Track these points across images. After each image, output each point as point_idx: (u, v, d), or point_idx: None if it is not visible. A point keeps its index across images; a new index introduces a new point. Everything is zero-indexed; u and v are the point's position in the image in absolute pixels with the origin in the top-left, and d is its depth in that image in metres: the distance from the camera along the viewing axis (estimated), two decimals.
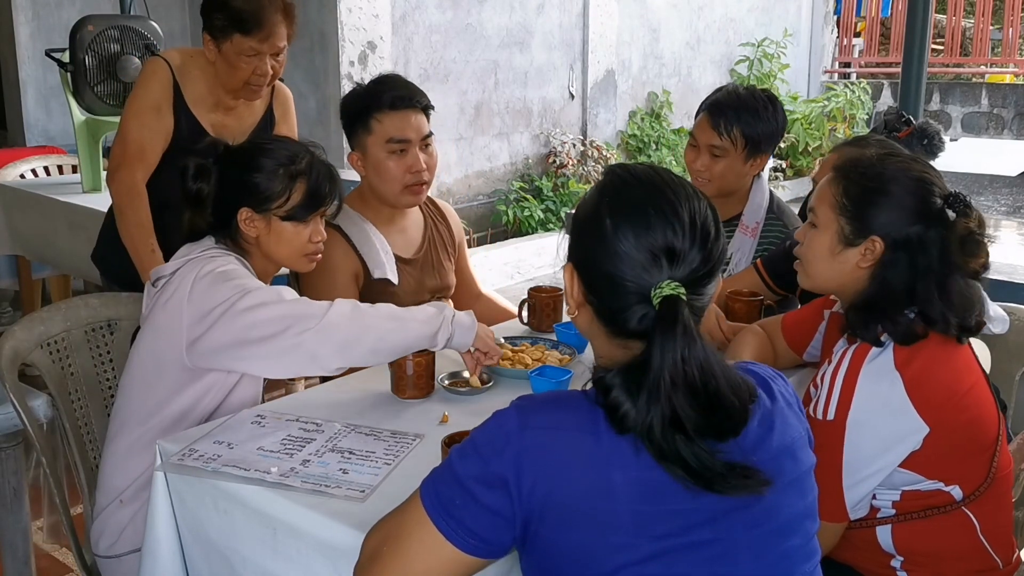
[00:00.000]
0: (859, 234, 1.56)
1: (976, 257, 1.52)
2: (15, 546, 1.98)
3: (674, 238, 1.11)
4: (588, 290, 1.17)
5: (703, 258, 1.12)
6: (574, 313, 1.21)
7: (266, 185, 1.84)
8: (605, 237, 1.13)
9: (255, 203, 1.85)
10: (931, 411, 1.48)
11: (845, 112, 9.34)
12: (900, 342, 1.50)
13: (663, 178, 1.17)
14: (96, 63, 3.77)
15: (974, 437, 1.54)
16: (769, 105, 2.37)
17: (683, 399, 1.05)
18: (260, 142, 1.92)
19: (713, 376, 1.07)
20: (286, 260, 1.93)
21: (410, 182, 2.26)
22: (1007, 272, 2.79)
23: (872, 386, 1.49)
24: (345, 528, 1.34)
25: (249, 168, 1.85)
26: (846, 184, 1.59)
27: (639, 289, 1.11)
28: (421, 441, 1.60)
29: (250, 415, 1.71)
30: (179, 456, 1.55)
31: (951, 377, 1.53)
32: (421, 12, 6.56)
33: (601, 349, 1.20)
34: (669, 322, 1.07)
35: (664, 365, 1.05)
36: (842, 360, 1.52)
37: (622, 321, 1.13)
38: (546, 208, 7.14)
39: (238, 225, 1.86)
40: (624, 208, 1.14)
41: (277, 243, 1.88)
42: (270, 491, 1.43)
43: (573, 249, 1.21)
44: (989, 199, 9.73)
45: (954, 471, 1.52)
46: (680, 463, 1.05)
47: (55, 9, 5.64)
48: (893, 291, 1.52)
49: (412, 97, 2.26)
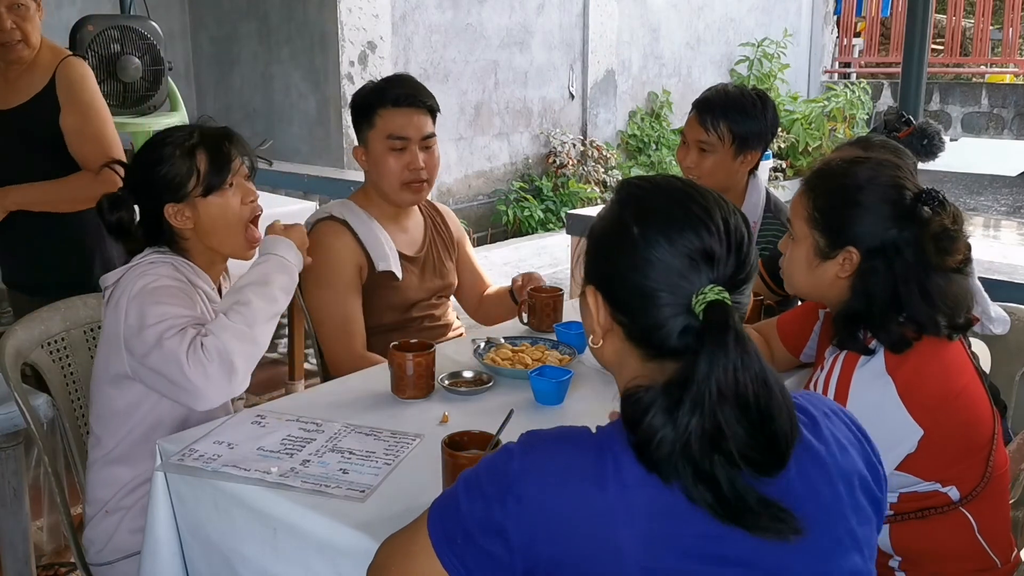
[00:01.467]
0: (834, 246, 1.55)
1: (952, 254, 1.49)
2: (15, 546, 1.98)
3: (711, 239, 1.02)
4: (617, 310, 1.06)
5: (739, 262, 1.03)
6: (599, 343, 1.10)
7: (173, 172, 1.80)
8: (634, 247, 1.03)
9: (172, 194, 1.81)
10: (925, 413, 1.48)
11: (845, 112, 9.34)
12: (893, 350, 1.49)
13: (686, 183, 1.09)
14: (96, 63, 3.77)
15: (969, 437, 1.54)
16: (758, 102, 2.38)
17: (730, 413, 0.94)
18: (150, 139, 1.88)
19: (767, 388, 0.96)
20: (228, 242, 1.87)
21: (408, 179, 2.27)
22: (1007, 272, 2.78)
23: (865, 391, 1.48)
24: (345, 528, 1.34)
25: (149, 165, 1.82)
26: (815, 196, 1.58)
27: (678, 299, 1.01)
28: (421, 441, 1.60)
29: (250, 415, 1.71)
30: (179, 456, 1.55)
31: (944, 378, 1.52)
32: (421, 12, 6.56)
33: (631, 378, 1.06)
34: (719, 329, 0.97)
35: (712, 375, 0.94)
36: (833, 366, 1.52)
37: (660, 339, 1.03)
38: (546, 208, 7.14)
39: (171, 225, 1.83)
40: (651, 214, 1.05)
41: (213, 225, 1.83)
42: (270, 491, 1.43)
43: (593, 268, 1.10)
44: (989, 199, 9.73)
45: (950, 472, 1.52)
46: (712, 487, 0.94)
47: (55, 9, 5.64)
48: (876, 301, 1.50)
49: (416, 96, 2.28)
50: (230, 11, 6.46)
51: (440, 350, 1.90)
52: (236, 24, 6.46)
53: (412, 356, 1.78)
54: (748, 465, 0.95)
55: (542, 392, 1.78)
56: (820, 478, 1.02)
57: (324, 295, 2.25)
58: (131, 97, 3.92)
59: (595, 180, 7.54)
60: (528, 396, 1.79)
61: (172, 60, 4.12)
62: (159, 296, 1.72)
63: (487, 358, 1.98)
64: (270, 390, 3.69)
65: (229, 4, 6.44)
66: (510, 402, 1.67)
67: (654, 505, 0.96)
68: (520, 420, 1.53)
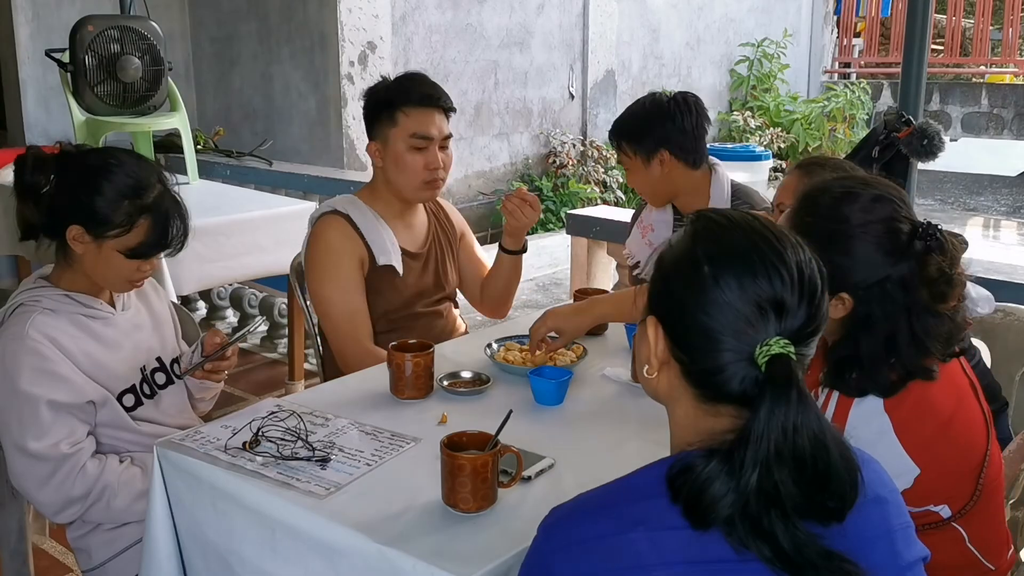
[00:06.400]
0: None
1: (946, 300, 1.42)
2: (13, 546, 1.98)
3: (783, 289, 0.98)
4: (676, 346, 1.04)
5: (810, 314, 0.99)
6: (654, 373, 1.07)
7: (105, 212, 1.71)
8: (704, 286, 1.00)
9: (89, 225, 1.72)
10: (921, 451, 1.45)
11: (845, 112, 9.34)
12: (883, 396, 1.45)
13: (764, 224, 1.04)
14: (96, 63, 3.77)
15: (963, 461, 1.51)
16: (645, 103, 2.48)
17: (787, 474, 0.92)
18: (105, 160, 1.76)
19: (825, 450, 0.94)
20: (106, 283, 1.82)
21: (427, 178, 2.30)
22: (1007, 272, 2.78)
23: (862, 428, 1.44)
24: (344, 529, 1.34)
25: (88, 188, 1.72)
26: (806, 239, 1.53)
27: (742, 346, 0.98)
28: (416, 445, 1.60)
29: (270, 404, 1.73)
30: (182, 436, 1.61)
31: (938, 406, 1.49)
32: (421, 12, 6.56)
33: (684, 417, 1.06)
34: (782, 385, 0.94)
35: (770, 433, 0.92)
36: (828, 400, 1.48)
37: (718, 384, 1.00)
38: (546, 208, 7.14)
39: (66, 238, 1.75)
40: (726, 254, 1.01)
41: (104, 268, 1.77)
42: (269, 492, 1.43)
43: (659, 299, 1.07)
44: (989, 199, 9.73)
45: (942, 494, 1.50)
46: (771, 543, 0.93)
47: (55, 9, 5.64)
48: (869, 349, 1.45)
49: (439, 97, 2.30)
50: (230, 11, 6.46)
51: (439, 350, 1.90)
52: (236, 24, 6.46)
53: (411, 356, 1.78)
54: (806, 518, 0.94)
55: (541, 392, 1.78)
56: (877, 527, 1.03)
57: (328, 289, 2.25)
58: (131, 97, 3.91)
59: (595, 180, 7.54)
60: (527, 396, 1.79)
61: (172, 60, 4.11)
62: (31, 381, 1.69)
63: (498, 356, 1.99)
64: (269, 390, 3.69)
65: (229, 4, 6.45)
66: (509, 402, 1.66)
67: (690, 550, 0.96)
68: (519, 420, 1.53)
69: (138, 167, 1.77)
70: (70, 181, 1.74)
